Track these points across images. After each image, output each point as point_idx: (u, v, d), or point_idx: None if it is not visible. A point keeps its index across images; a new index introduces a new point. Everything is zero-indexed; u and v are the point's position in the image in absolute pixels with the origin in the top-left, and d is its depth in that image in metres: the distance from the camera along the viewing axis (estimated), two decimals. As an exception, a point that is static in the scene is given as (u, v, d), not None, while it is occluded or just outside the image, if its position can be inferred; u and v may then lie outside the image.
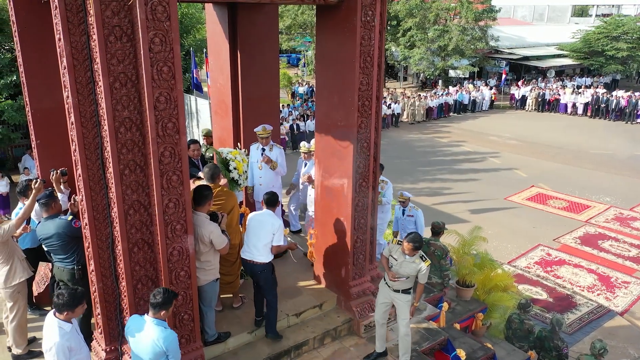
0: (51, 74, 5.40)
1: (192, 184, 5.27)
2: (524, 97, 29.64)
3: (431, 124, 26.40)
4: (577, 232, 13.50)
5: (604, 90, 28.92)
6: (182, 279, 4.67)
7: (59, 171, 6.00)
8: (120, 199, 4.29)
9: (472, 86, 30.82)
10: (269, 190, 6.00)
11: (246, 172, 7.09)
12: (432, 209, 14.19)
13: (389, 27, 31.95)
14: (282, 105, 21.46)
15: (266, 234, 5.38)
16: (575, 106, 27.95)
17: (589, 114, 27.38)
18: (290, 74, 32.30)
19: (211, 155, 7.88)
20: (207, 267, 5.04)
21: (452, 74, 32.84)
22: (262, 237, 5.38)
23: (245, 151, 7.30)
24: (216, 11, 7.51)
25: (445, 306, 7.08)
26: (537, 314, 9.58)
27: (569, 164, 19.32)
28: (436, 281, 7.63)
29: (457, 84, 31.44)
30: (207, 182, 5.55)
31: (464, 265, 8.04)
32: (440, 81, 33.46)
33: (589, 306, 10.13)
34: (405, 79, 38.01)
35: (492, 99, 30.06)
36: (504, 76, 31.68)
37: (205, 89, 16.29)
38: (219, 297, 5.70)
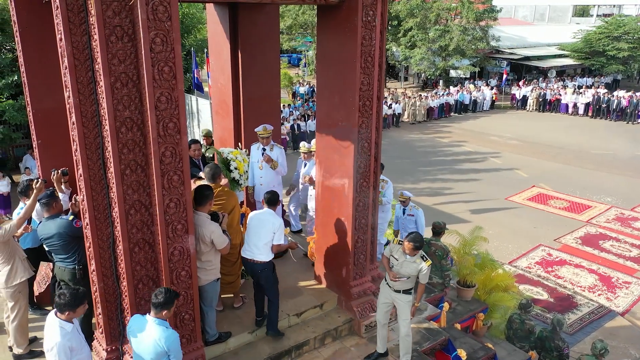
0: (52, 74, 5.41)
1: (193, 184, 5.27)
2: (525, 97, 29.63)
3: (432, 124, 26.39)
4: (578, 232, 13.49)
5: (605, 90, 28.91)
6: (183, 278, 4.67)
7: (60, 171, 6.01)
8: (121, 198, 4.29)
9: (473, 86, 30.83)
10: (269, 190, 5.99)
11: (247, 172, 7.11)
12: (433, 209, 14.18)
13: (389, 27, 31.94)
14: (283, 105, 21.47)
15: (267, 233, 5.38)
16: (576, 106, 27.93)
17: (590, 114, 27.37)
18: (291, 74, 32.36)
19: (211, 155, 7.89)
20: (208, 267, 5.05)
21: (453, 74, 32.83)
22: (263, 236, 5.39)
23: (246, 151, 7.31)
24: (217, 11, 7.52)
25: (446, 306, 7.08)
26: (538, 314, 9.57)
27: (570, 164, 19.30)
28: (437, 281, 7.63)
29: (458, 84, 31.44)
30: (208, 182, 5.56)
31: (465, 265, 8.03)
32: (441, 81, 33.46)
33: (589, 306, 10.12)
34: (406, 79, 38.01)
35: (493, 99, 30.05)
36: (505, 76, 31.68)
37: (206, 89, 16.32)
38: (220, 297, 5.70)
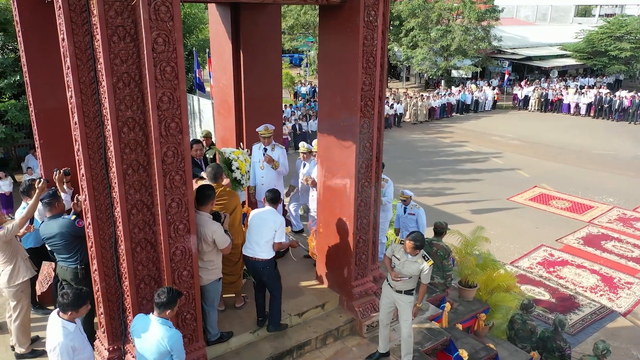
0: (54, 73, 5.40)
1: (194, 184, 5.27)
2: (527, 97, 29.58)
3: (434, 124, 26.38)
4: (580, 232, 13.48)
5: (607, 90, 28.84)
6: (185, 278, 4.68)
7: (62, 171, 6.01)
8: (123, 198, 4.30)
9: (474, 86, 30.78)
10: (271, 188, 5.99)
11: (248, 172, 7.11)
12: (434, 209, 14.18)
13: (391, 27, 31.92)
14: (285, 105, 21.48)
15: (268, 231, 5.40)
16: (578, 106, 27.88)
17: (592, 114, 27.32)
18: (292, 74, 32.36)
19: (211, 156, 7.88)
20: (209, 267, 5.05)
21: (454, 74, 32.78)
22: (264, 234, 5.40)
23: (247, 151, 7.32)
24: (219, 11, 7.53)
25: (447, 306, 7.07)
26: (539, 315, 9.57)
27: (571, 164, 19.28)
28: (439, 281, 7.62)
29: (460, 84, 31.39)
30: (209, 182, 5.56)
31: (467, 265, 8.03)
32: (442, 81, 33.43)
33: (591, 307, 10.11)
34: (407, 79, 37.99)
35: (495, 99, 30.02)
36: (506, 76, 31.62)
37: (207, 89, 16.32)
38: (222, 296, 5.70)
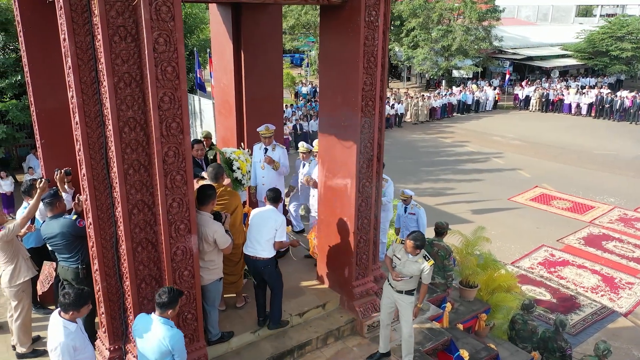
0: (56, 73, 5.41)
1: (195, 184, 5.28)
2: (528, 98, 29.56)
3: (434, 124, 26.37)
4: (581, 232, 13.47)
5: (608, 90, 28.81)
6: (186, 278, 4.68)
7: (63, 171, 6.02)
8: (124, 198, 4.30)
9: (475, 86, 30.77)
10: (272, 187, 6.00)
11: (249, 172, 7.11)
12: (435, 209, 14.17)
13: (392, 27, 31.91)
14: (286, 105, 21.48)
15: (269, 230, 5.41)
16: (579, 106, 27.86)
17: (593, 115, 27.30)
18: (293, 74, 32.35)
19: (212, 157, 7.86)
20: (210, 267, 5.06)
21: (455, 74, 32.75)
22: (265, 233, 5.41)
23: (248, 151, 7.32)
24: (220, 11, 7.53)
25: (448, 306, 7.06)
26: (540, 315, 9.56)
27: (572, 165, 19.26)
28: (439, 281, 7.62)
29: (461, 84, 31.38)
30: (210, 182, 5.56)
31: (468, 265, 8.02)
32: (443, 81, 33.41)
33: (592, 307, 10.10)
34: (408, 79, 37.97)
35: (496, 99, 30.01)
36: (507, 76, 31.61)
37: (208, 89, 16.33)
38: (223, 296, 5.71)
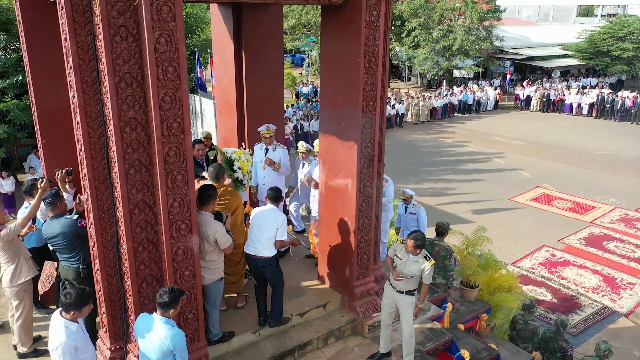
0: (57, 73, 5.41)
1: (196, 184, 5.28)
2: (529, 98, 29.54)
3: (435, 124, 26.36)
4: (582, 232, 13.45)
5: (610, 90, 28.78)
6: (187, 278, 4.68)
7: (64, 170, 6.03)
8: (125, 198, 4.31)
9: (476, 86, 30.75)
10: (272, 186, 6.01)
11: (250, 172, 7.10)
12: (436, 209, 14.17)
13: (393, 27, 31.89)
14: (286, 105, 21.49)
15: (270, 229, 5.42)
16: (580, 106, 27.83)
17: (594, 115, 27.27)
18: (294, 74, 32.33)
19: (212, 157, 7.86)
20: (211, 267, 5.06)
21: (456, 74, 32.74)
22: (266, 232, 5.42)
23: (249, 151, 7.31)
24: (221, 11, 7.53)
25: (449, 307, 7.07)
26: (541, 315, 9.56)
27: (573, 165, 19.25)
28: (440, 282, 7.62)
29: (462, 84, 31.37)
30: (211, 182, 5.57)
31: (468, 265, 8.01)
32: (444, 81, 33.40)
33: (593, 307, 10.10)
34: (409, 79, 37.97)
35: (497, 99, 29.98)
36: (508, 76, 31.59)
37: (209, 89, 16.33)
38: (223, 296, 5.71)
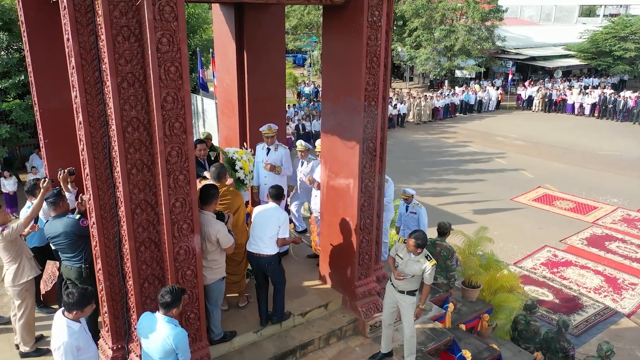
0: (59, 73, 5.43)
1: (198, 184, 5.28)
2: (531, 98, 29.50)
3: (437, 124, 26.34)
4: (584, 233, 13.43)
5: (612, 90, 28.73)
6: (189, 277, 4.69)
7: (66, 170, 6.04)
8: (127, 198, 4.31)
9: (478, 86, 30.71)
10: (274, 184, 6.02)
11: (252, 171, 7.11)
12: (438, 209, 14.17)
13: (395, 27, 31.88)
14: (288, 105, 21.49)
15: (272, 227, 5.43)
16: (582, 107, 27.78)
17: (596, 115, 27.22)
18: (296, 74, 32.32)
19: (213, 157, 7.86)
20: (213, 266, 5.07)
21: (458, 74, 32.71)
22: (268, 230, 5.43)
23: (251, 151, 7.32)
24: (223, 11, 7.54)
25: (450, 307, 7.06)
26: (543, 315, 9.54)
27: (575, 165, 19.22)
28: (442, 282, 7.61)
29: (464, 84, 31.34)
30: (213, 182, 5.57)
31: (470, 265, 8.02)
32: (446, 81, 33.37)
33: (595, 308, 10.08)
34: (411, 79, 37.94)
35: (499, 99, 29.94)
36: (510, 76, 31.54)
37: (211, 89, 16.33)
38: (225, 296, 5.72)
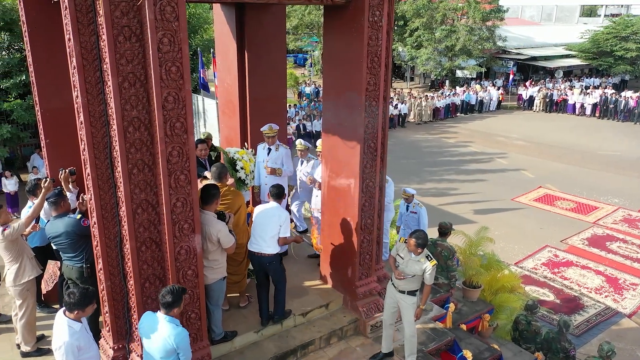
0: (60, 73, 5.44)
1: (199, 184, 5.29)
2: (532, 98, 29.48)
3: (438, 124, 26.34)
4: (585, 233, 13.42)
5: (613, 90, 28.71)
6: (190, 277, 4.69)
7: (67, 170, 6.05)
8: (128, 198, 4.32)
9: (479, 86, 30.70)
10: (275, 183, 6.02)
11: (253, 171, 7.11)
12: (438, 209, 14.16)
13: (396, 27, 31.88)
14: (289, 105, 21.48)
15: (273, 226, 5.43)
16: (583, 107, 27.76)
17: (597, 115, 27.20)
18: (297, 74, 32.34)
19: (213, 157, 7.86)
20: (214, 266, 5.07)
21: (459, 74, 32.71)
22: (269, 229, 5.43)
23: (252, 151, 7.32)
24: (224, 11, 7.54)
25: (451, 307, 7.06)
26: (544, 316, 9.54)
27: (576, 165, 19.20)
28: (443, 282, 7.61)
29: (465, 84, 31.32)
30: (214, 182, 5.57)
31: (471, 266, 8.02)
32: (447, 81, 33.36)
33: (596, 308, 10.08)
34: (412, 79, 37.94)
35: (500, 99, 29.93)
36: (511, 76, 31.52)
37: (212, 89, 16.33)
38: (226, 296, 5.73)
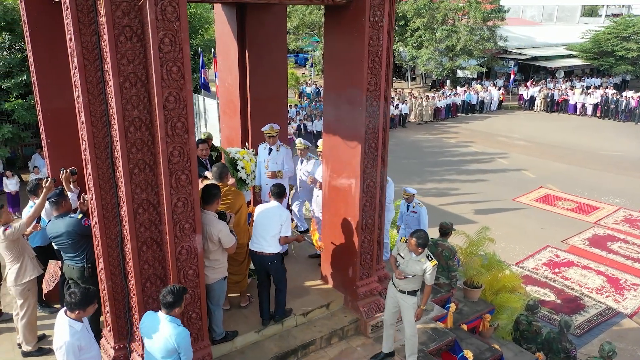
0: (62, 73, 5.44)
1: (200, 184, 5.29)
2: (533, 98, 29.46)
3: (439, 124, 26.33)
4: (586, 233, 13.41)
5: (614, 90, 28.69)
6: (191, 277, 4.70)
7: (68, 170, 6.06)
8: (129, 197, 4.32)
9: (480, 86, 30.68)
10: (276, 183, 6.04)
11: (254, 171, 7.12)
12: (439, 209, 14.16)
13: (396, 27, 31.88)
14: (290, 105, 21.49)
15: (274, 226, 5.44)
16: (584, 107, 27.74)
17: (598, 115, 27.18)
18: (298, 74, 32.35)
19: (215, 156, 7.87)
20: (215, 266, 5.07)
21: (460, 74, 32.71)
22: (271, 229, 5.44)
23: (253, 151, 7.33)
24: (225, 11, 7.55)
25: (452, 307, 7.06)
26: (545, 316, 9.53)
27: (577, 165, 19.19)
28: (444, 282, 7.61)
29: (465, 85, 31.31)
30: (215, 182, 5.58)
31: (472, 266, 8.01)
32: (448, 81, 33.35)
33: (597, 308, 10.07)
34: (413, 79, 37.93)
35: (501, 99, 29.91)
36: (512, 76, 31.50)
37: (213, 89, 16.34)
38: (227, 296, 5.73)
